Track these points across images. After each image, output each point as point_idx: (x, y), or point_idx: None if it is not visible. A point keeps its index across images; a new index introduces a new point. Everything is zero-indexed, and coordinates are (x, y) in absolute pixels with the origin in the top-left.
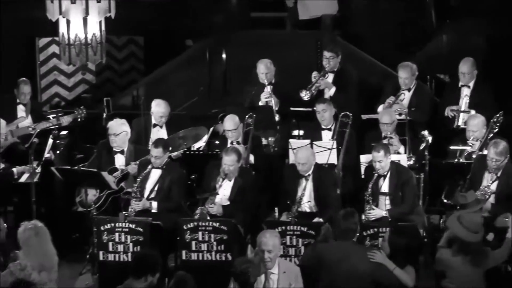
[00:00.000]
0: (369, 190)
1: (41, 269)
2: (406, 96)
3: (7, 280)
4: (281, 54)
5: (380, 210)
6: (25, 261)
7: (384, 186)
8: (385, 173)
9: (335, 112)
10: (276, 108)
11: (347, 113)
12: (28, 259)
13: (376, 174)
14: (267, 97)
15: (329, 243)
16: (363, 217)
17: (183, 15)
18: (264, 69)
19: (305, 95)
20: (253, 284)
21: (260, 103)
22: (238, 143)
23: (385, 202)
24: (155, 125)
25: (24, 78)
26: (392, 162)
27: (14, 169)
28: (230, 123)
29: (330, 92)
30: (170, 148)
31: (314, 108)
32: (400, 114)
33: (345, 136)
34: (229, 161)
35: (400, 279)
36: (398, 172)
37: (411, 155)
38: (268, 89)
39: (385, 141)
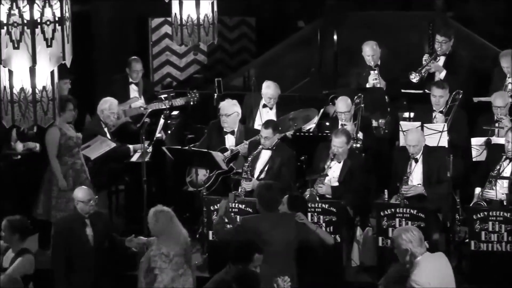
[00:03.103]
0: (496, 171)
1: (180, 253)
2: None
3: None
4: (392, 36)
5: (498, 192)
6: (165, 248)
7: (508, 169)
8: None
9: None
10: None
11: (459, 90)
12: (167, 246)
13: (504, 156)
14: (375, 79)
15: (255, 216)
16: (476, 191)
17: None
18: (370, 51)
19: (414, 77)
20: None
21: (368, 85)
22: None
23: (503, 185)
24: (264, 106)
25: (135, 57)
26: None
27: (131, 146)
28: (343, 105)
29: (441, 75)
30: (280, 129)
31: (426, 90)
32: None
33: (452, 110)
34: (338, 143)
35: (323, 238)
36: None
37: None
38: (375, 71)
39: (497, 124)
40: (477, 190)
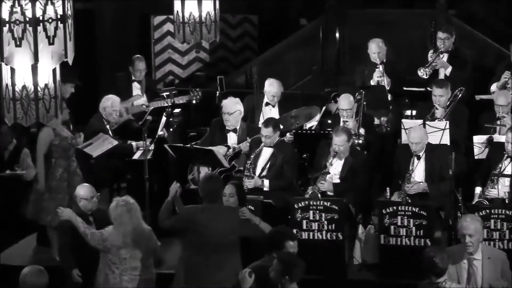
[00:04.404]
0: (498, 170)
1: (127, 246)
2: None
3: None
4: (394, 34)
5: (500, 190)
6: (112, 236)
7: (509, 167)
8: None
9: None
10: (388, 88)
11: (462, 88)
12: (114, 235)
13: (506, 155)
14: (379, 76)
15: (196, 206)
16: (477, 191)
17: None
18: (375, 49)
19: (423, 74)
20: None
21: (372, 82)
22: None
23: (504, 183)
24: (267, 104)
25: (138, 55)
26: None
27: (133, 143)
28: (345, 102)
29: (447, 71)
30: (282, 127)
31: (428, 88)
32: None
33: (451, 105)
34: (339, 141)
35: (265, 231)
36: None
37: None
38: (380, 68)
39: (498, 122)
40: (477, 189)
